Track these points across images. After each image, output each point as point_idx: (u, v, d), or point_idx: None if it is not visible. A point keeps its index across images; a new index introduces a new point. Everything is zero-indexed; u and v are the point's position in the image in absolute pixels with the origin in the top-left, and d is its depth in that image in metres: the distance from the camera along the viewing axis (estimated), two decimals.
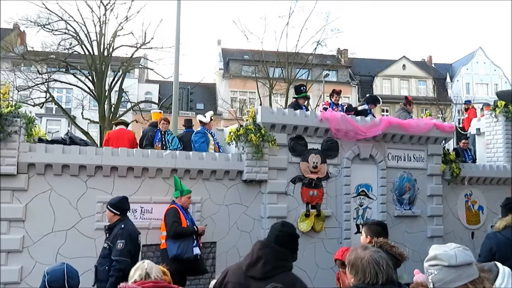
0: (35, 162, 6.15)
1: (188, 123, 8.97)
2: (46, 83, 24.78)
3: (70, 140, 7.47)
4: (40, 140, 6.78)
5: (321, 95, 30.04)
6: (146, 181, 6.79)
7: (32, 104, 24.37)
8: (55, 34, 24.32)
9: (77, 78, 24.70)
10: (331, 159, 7.91)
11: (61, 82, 24.86)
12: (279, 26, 34.80)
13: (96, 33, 24.22)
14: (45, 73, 25.06)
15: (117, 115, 25.35)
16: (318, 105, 29.99)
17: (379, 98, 9.51)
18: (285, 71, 29.00)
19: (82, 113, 25.76)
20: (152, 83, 31.92)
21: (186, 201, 6.46)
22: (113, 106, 24.87)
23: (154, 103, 29.46)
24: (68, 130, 23.95)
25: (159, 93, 30.62)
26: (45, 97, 25.44)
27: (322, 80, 30.38)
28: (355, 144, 8.07)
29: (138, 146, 8.46)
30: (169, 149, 7.51)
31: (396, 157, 8.48)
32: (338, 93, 8.98)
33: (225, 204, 7.26)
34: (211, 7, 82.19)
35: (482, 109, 13.02)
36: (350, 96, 35.82)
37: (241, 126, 8.08)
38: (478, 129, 10.64)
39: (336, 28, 39.83)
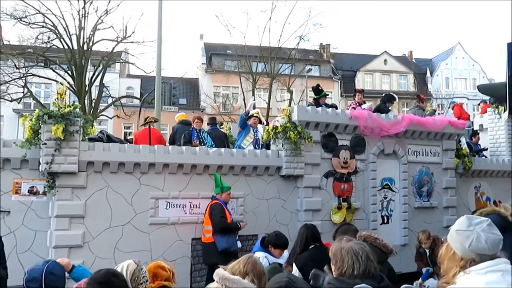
0: (94, 160, 6.61)
1: (213, 121, 9.53)
2: (24, 78, 24.54)
3: (108, 138, 7.93)
4: None
5: (304, 90, 30.97)
6: (194, 178, 7.36)
7: (10, 99, 24.16)
8: (33, 28, 24.14)
9: (56, 72, 24.58)
10: (359, 154, 8.68)
11: (40, 76, 24.66)
12: (262, 21, 35.71)
13: (75, 26, 24.19)
14: (23, 67, 24.82)
15: (98, 110, 25.44)
16: (302, 100, 31.05)
17: (395, 96, 10.32)
18: (268, 66, 29.71)
19: None
20: (133, 78, 31.93)
21: (227, 197, 7.04)
22: (94, 101, 24.91)
23: (136, 98, 29.56)
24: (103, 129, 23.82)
25: (141, 88, 30.72)
26: (23, 92, 25.22)
27: (305, 75, 31.22)
28: (379, 141, 8.87)
29: (169, 143, 8.98)
30: (206, 146, 8.08)
31: (415, 152, 9.35)
32: (361, 91, 9.75)
33: (265, 199, 7.91)
34: (193, 0, 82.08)
35: (479, 104, 14.09)
36: (333, 91, 36.92)
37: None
38: (481, 125, 11.67)
39: (319, 23, 40.87)
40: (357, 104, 9.50)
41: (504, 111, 10.76)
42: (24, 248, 6.66)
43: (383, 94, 10.79)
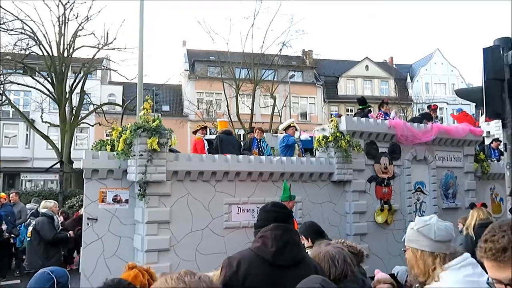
0: (178, 169, 7.60)
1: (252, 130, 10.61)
2: (2, 85, 24.77)
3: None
4: None
5: (287, 96, 32.42)
6: (260, 184, 8.46)
7: None
8: (11, 34, 24.53)
9: (36, 80, 24.98)
10: (395, 160, 10.02)
11: (18, 84, 24.96)
12: (244, 28, 36.85)
13: (55, 33, 24.82)
14: (0, 74, 25.03)
15: (79, 118, 25.93)
16: (285, 106, 32.47)
17: (432, 115, 11.68)
18: (251, 72, 30.98)
19: (41, 116, 25.92)
20: (115, 85, 32.46)
21: (292, 206, 8.16)
22: (75, 108, 25.38)
23: (118, 105, 30.14)
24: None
25: (123, 95, 31.24)
26: (1, 100, 25.39)
27: (288, 81, 32.65)
28: (412, 147, 10.25)
29: (214, 152, 9.97)
30: (265, 155, 9.19)
31: (442, 158, 10.80)
32: (387, 102, 11.11)
33: (319, 203, 9.10)
34: (175, 7, 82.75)
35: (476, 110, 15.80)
36: (316, 97, 38.61)
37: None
38: (488, 132, 13.33)
39: (301, 29, 42.72)
40: (385, 114, 10.86)
41: (481, 114, 12.39)
42: (111, 253, 7.56)
43: (422, 112, 12.23)
